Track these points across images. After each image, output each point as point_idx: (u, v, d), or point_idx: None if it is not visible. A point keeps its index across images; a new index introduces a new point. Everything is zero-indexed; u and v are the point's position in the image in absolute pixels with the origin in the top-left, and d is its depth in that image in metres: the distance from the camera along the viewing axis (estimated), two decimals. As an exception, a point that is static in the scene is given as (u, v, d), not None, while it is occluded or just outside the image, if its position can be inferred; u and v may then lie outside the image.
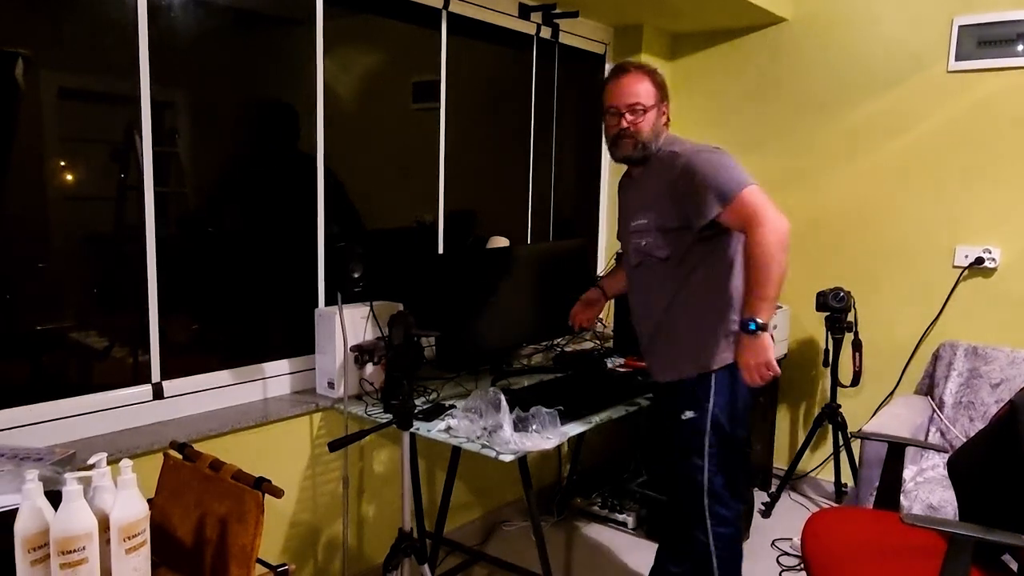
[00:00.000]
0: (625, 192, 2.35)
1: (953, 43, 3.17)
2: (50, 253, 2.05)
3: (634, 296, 2.30)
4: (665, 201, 2.10)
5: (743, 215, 1.98)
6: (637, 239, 2.18)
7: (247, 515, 1.44)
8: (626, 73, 2.13)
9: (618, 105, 2.12)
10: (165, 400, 2.20)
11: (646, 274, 2.20)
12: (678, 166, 2.06)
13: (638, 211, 2.18)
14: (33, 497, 1.07)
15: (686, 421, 2.15)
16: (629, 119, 2.11)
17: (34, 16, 1.95)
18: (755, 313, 1.96)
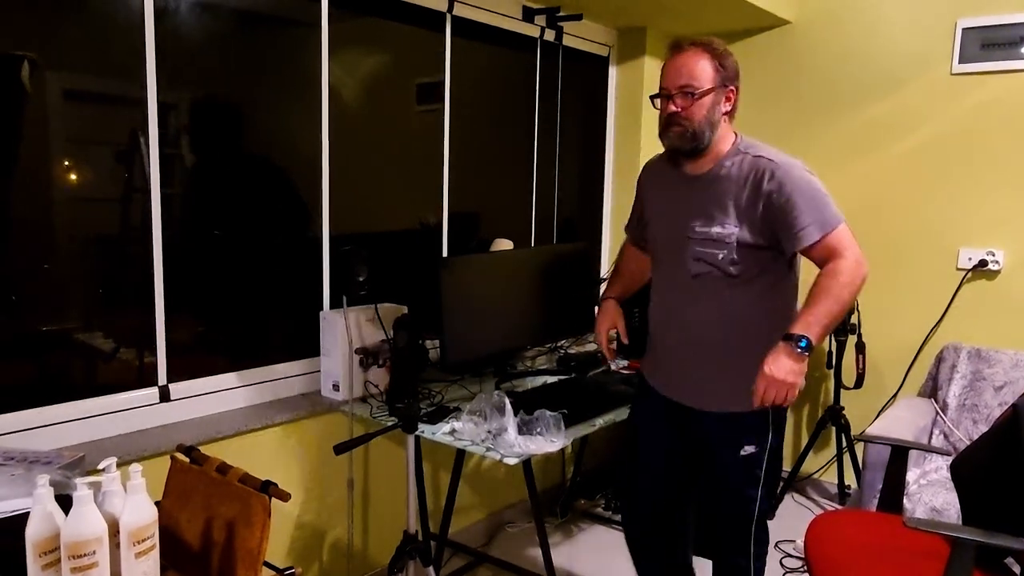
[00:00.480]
0: (673, 188, 2.02)
1: (957, 45, 3.18)
2: (56, 255, 2.06)
3: (679, 310, 2.01)
4: (753, 213, 1.86)
5: (833, 250, 1.84)
6: (705, 248, 1.91)
7: (254, 518, 1.45)
8: (681, 51, 1.88)
9: (668, 87, 1.88)
10: (172, 403, 2.22)
11: (705, 288, 1.94)
12: (774, 178, 1.83)
13: (708, 216, 1.91)
14: (44, 502, 1.08)
15: (745, 456, 1.97)
16: (679, 103, 1.86)
17: (39, 19, 1.96)
18: (810, 333, 1.77)
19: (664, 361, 2.09)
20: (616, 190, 3.91)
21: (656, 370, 2.12)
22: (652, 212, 2.10)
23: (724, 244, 1.88)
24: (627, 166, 3.84)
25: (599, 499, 3.48)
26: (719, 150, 1.92)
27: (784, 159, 1.88)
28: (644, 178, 2.18)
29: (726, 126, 1.93)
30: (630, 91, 3.80)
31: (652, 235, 2.10)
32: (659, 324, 2.10)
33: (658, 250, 2.08)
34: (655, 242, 2.09)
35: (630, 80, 3.79)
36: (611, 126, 3.87)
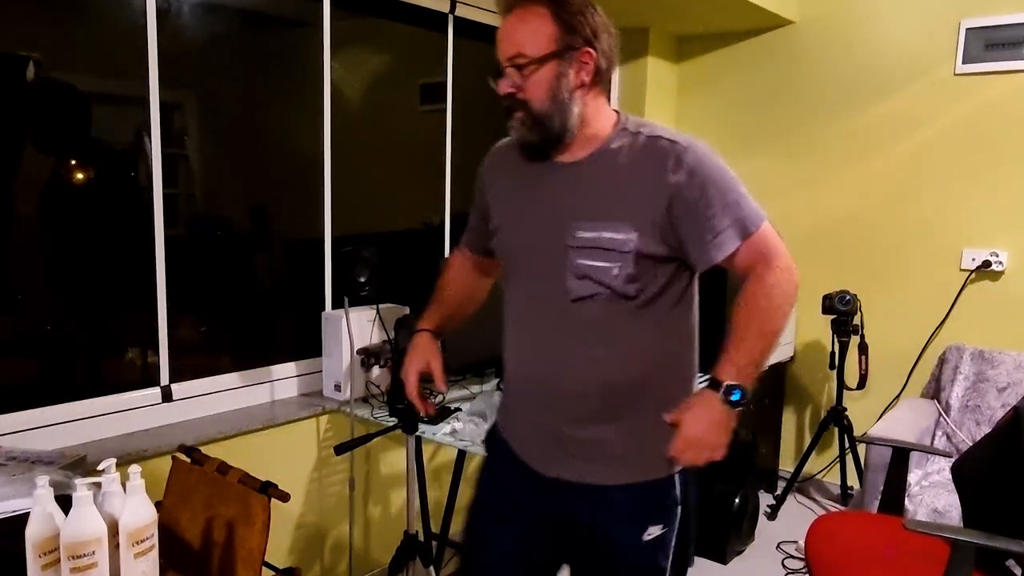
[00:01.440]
0: (536, 180, 1.46)
1: (960, 46, 3.17)
2: (61, 254, 2.07)
3: (551, 347, 1.43)
4: (655, 213, 1.35)
5: (759, 256, 1.39)
6: (592, 260, 1.36)
7: (254, 519, 1.45)
8: (510, 10, 1.37)
9: (499, 59, 1.38)
10: (174, 403, 2.22)
11: (590, 316, 1.38)
12: (682, 166, 1.34)
13: (595, 216, 1.37)
14: (44, 502, 1.09)
15: (648, 541, 1.43)
16: (510, 81, 1.36)
17: (44, 20, 1.97)
18: (745, 379, 1.36)
19: (526, 418, 1.50)
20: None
21: (516, 429, 1.54)
22: (503, 212, 1.51)
23: (619, 255, 1.34)
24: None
25: (601, 499, 3.48)
26: (596, 132, 1.40)
27: (690, 140, 1.39)
28: (490, 166, 1.60)
29: (595, 101, 1.40)
30: (633, 91, 3.80)
31: (505, 245, 1.51)
32: (520, 367, 1.50)
33: (515, 265, 1.49)
34: (509, 255, 1.50)
35: (633, 80, 3.79)
36: (614, 126, 3.86)
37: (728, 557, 3.05)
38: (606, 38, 1.38)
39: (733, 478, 3.06)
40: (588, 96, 1.38)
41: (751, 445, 3.14)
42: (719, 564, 3.03)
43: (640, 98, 3.77)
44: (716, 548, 3.05)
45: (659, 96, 3.85)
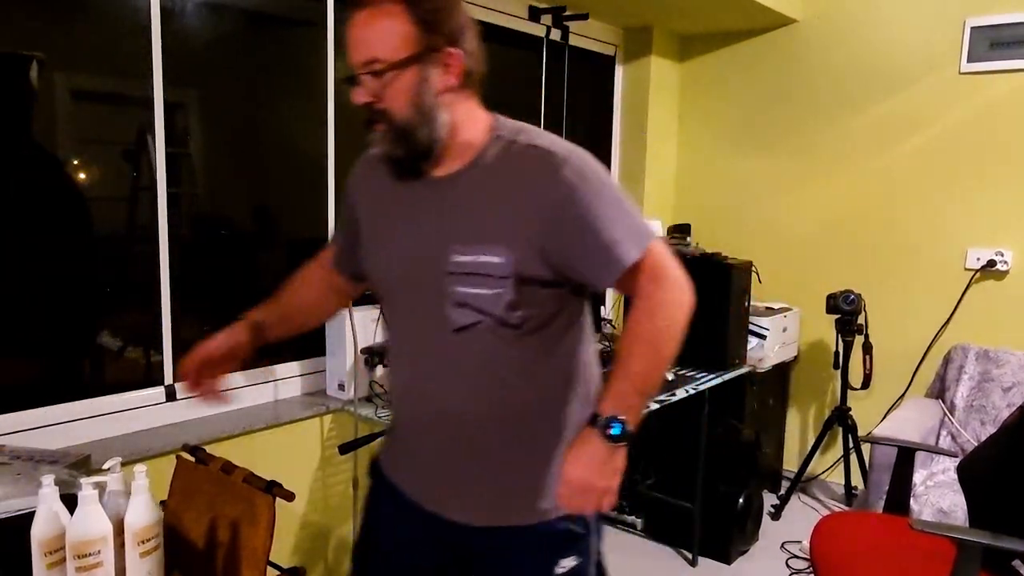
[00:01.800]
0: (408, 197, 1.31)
1: (965, 45, 3.16)
2: (64, 253, 2.07)
3: (434, 381, 1.31)
4: (532, 231, 1.21)
5: (649, 275, 1.27)
6: (469, 287, 1.23)
7: (259, 518, 1.45)
8: (359, 7, 1.20)
9: (352, 65, 1.22)
10: (178, 402, 2.22)
11: (474, 348, 1.26)
12: (560, 179, 1.21)
13: (470, 237, 1.24)
14: (49, 501, 1.09)
15: (564, 573, 1.34)
16: (367, 89, 1.21)
17: (47, 19, 1.97)
18: (627, 411, 1.25)
19: (414, 453, 1.38)
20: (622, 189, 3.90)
21: (402, 464, 1.42)
22: (374, 235, 1.37)
23: (497, 280, 1.21)
24: (633, 165, 3.84)
25: (604, 499, 3.48)
26: (469, 140, 1.27)
27: (571, 149, 1.27)
28: (358, 180, 1.44)
29: (464, 105, 1.27)
30: (636, 90, 3.80)
31: (377, 271, 1.38)
32: (404, 402, 1.40)
33: (389, 293, 1.36)
34: (383, 281, 1.37)
35: (636, 79, 3.79)
36: (617, 125, 3.87)
37: (732, 557, 3.04)
38: (471, 36, 1.25)
39: (737, 478, 3.05)
40: (457, 101, 1.24)
41: (755, 445, 3.13)
42: (723, 564, 3.03)
43: (643, 97, 3.77)
44: (720, 548, 3.04)
45: (662, 95, 3.85)
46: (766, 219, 3.75)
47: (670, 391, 2.68)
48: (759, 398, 3.44)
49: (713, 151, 3.90)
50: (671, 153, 3.99)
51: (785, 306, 3.50)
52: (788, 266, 3.67)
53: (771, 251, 3.69)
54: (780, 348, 3.37)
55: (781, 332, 3.37)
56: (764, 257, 3.58)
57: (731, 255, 3.20)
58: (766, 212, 3.74)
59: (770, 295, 3.60)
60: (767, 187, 3.74)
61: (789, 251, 3.68)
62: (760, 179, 3.76)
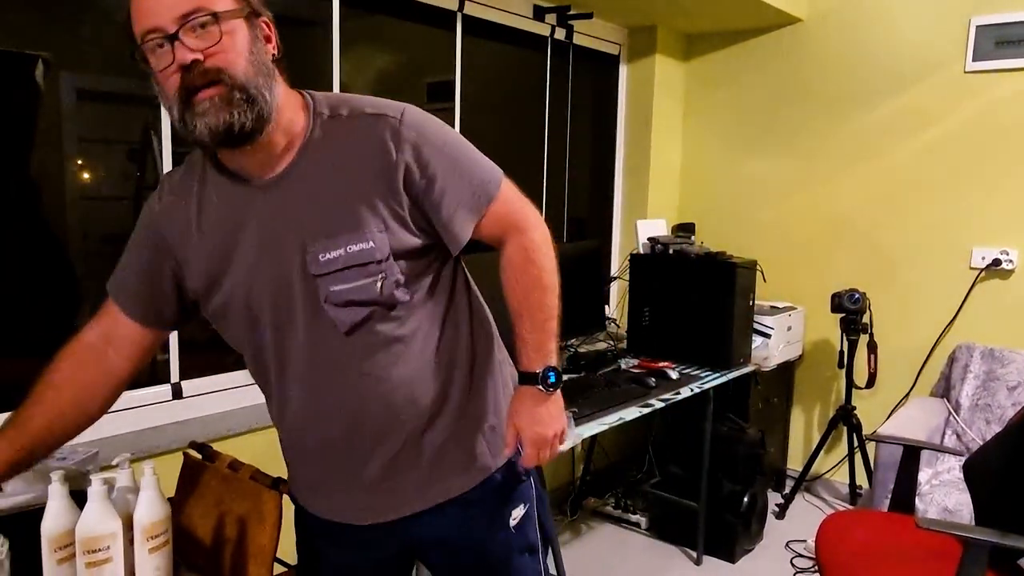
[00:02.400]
0: (238, 216, 1.18)
1: (970, 43, 3.15)
2: (70, 252, 2.08)
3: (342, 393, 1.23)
4: (396, 201, 1.16)
5: (507, 219, 1.26)
6: (348, 283, 1.15)
7: (266, 515, 1.45)
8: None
9: (159, 24, 1.04)
10: (184, 400, 2.23)
11: (373, 341, 1.20)
12: (403, 141, 1.15)
13: (332, 231, 1.15)
14: (59, 497, 1.09)
15: (517, 524, 1.38)
16: (193, 44, 1.04)
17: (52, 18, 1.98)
18: (548, 358, 1.27)
19: (337, 474, 1.31)
20: (626, 189, 3.90)
21: (321, 491, 1.36)
22: (212, 267, 1.21)
23: (376, 265, 1.15)
24: (638, 164, 3.84)
25: (608, 498, 3.48)
26: (291, 120, 1.16)
27: (402, 106, 1.19)
28: (166, 216, 1.24)
29: (279, 81, 1.15)
30: (641, 89, 3.79)
31: (231, 303, 1.22)
32: (311, 425, 1.28)
33: (254, 321, 1.22)
34: (242, 312, 1.22)
35: (641, 78, 3.79)
36: (621, 124, 3.87)
37: (737, 556, 3.05)
38: None
39: (742, 477, 3.06)
40: (277, 72, 1.14)
41: (759, 444, 3.13)
42: (728, 563, 3.03)
43: (648, 96, 3.77)
44: (725, 547, 3.05)
45: (667, 94, 3.85)
46: (770, 218, 3.74)
47: (675, 390, 2.69)
48: (764, 397, 3.44)
49: (717, 150, 3.89)
50: (675, 152, 3.99)
51: (790, 305, 3.50)
52: (792, 265, 3.67)
53: (775, 250, 3.69)
54: (785, 347, 3.37)
55: (786, 331, 3.37)
56: (768, 256, 3.58)
57: (735, 254, 3.20)
58: (770, 211, 3.74)
59: (774, 294, 3.60)
60: (771, 186, 3.74)
61: (793, 250, 3.68)
62: (765, 178, 3.76)
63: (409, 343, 1.22)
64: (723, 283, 3.03)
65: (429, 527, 1.32)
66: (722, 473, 3.04)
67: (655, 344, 3.18)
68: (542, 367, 1.26)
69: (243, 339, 1.25)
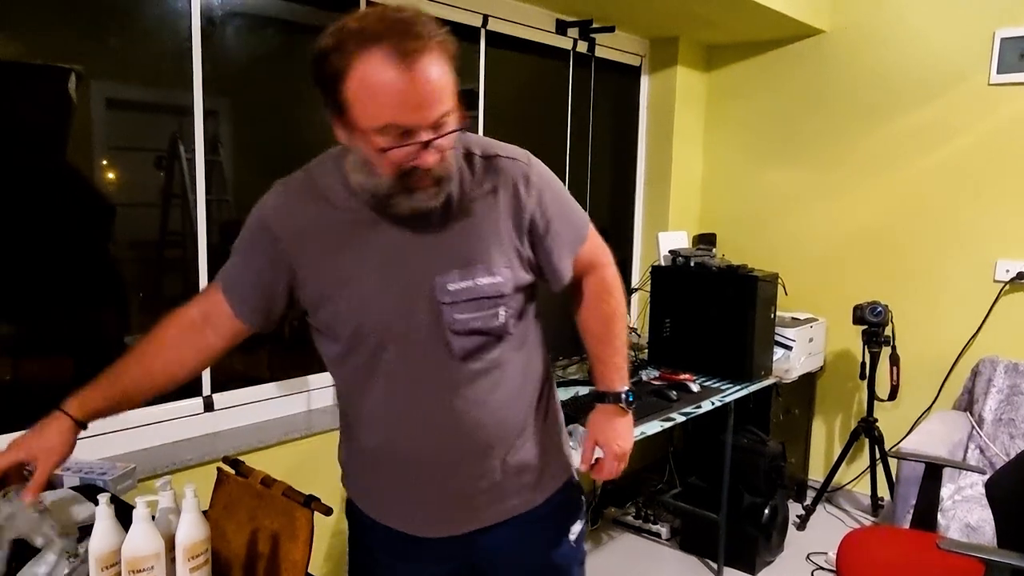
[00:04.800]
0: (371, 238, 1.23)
1: (995, 56, 3.14)
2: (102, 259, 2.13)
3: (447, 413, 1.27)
4: (519, 241, 1.27)
5: (591, 257, 1.42)
6: (473, 312, 1.23)
7: (298, 532, 1.49)
8: (413, 56, 1.04)
9: (414, 122, 1.07)
10: (216, 412, 2.28)
11: (485, 367, 1.28)
12: (531, 186, 1.27)
13: (464, 263, 1.22)
14: (105, 518, 1.14)
15: (575, 539, 1.47)
16: (438, 146, 1.11)
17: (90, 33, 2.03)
18: (626, 379, 1.47)
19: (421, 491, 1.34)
20: (647, 200, 3.92)
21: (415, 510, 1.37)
22: (334, 282, 1.25)
23: (496, 300, 1.24)
24: (659, 175, 3.86)
25: (629, 507, 3.50)
26: None
27: (527, 154, 1.31)
28: (286, 223, 1.25)
29: None
30: (662, 100, 3.81)
31: (347, 320, 1.26)
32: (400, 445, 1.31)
33: (367, 340, 1.26)
34: (358, 330, 1.26)
35: (662, 89, 3.80)
36: (643, 135, 3.88)
37: (758, 567, 3.06)
38: None
39: (763, 489, 3.07)
40: None
41: (781, 456, 3.14)
42: (749, 575, 3.05)
43: (669, 107, 3.79)
44: (746, 558, 3.06)
45: (688, 105, 3.86)
46: (792, 229, 3.75)
47: (696, 403, 2.70)
48: (785, 408, 3.45)
49: (739, 161, 3.90)
50: (697, 163, 4.00)
51: (811, 317, 3.50)
52: (814, 276, 3.67)
53: (797, 261, 3.69)
54: (806, 359, 3.38)
55: (807, 343, 3.37)
56: (790, 267, 3.58)
57: (757, 266, 3.21)
58: (792, 222, 3.74)
59: (796, 305, 3.60)
60: (793, 198, 3.74)
61: (815, 261, 3.68)
62: (787, 190, 3.76)
63: (505, 370, 1.30)
64: (744, 296, 3.04)
65: (497, 540, 1.38)
66: (743, 485, 3.06)
67: (676, 355, 3.20)
68: (622, 387, 1.44)
69: (344, 353, 1.30)
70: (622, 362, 1.45)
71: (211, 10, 2.19)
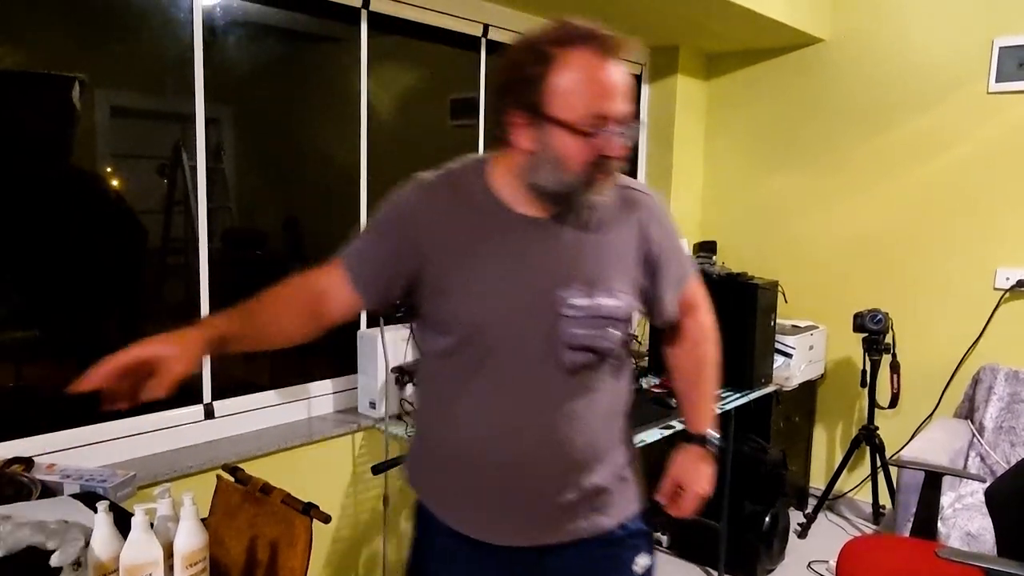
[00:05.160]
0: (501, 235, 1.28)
1: (994, 64, 3.15)
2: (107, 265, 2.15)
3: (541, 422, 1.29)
4: (638, 271, 1.33)
5: (691, 298, 1.47)
6: (589, 329, 1.26)
7: (296, 539, 1.50)
8: (616, 59, 1.19)
9: (612, 112, 1.17)
10: (216, 420, 2.29)
11: (585, 385, 1.31)
12: (655, 219, 1.35)
13: (589, 281, 1.26)
14: (104, 526, 1.15)
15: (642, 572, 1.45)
16: (624, 137, 1.20)
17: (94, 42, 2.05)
18: (711, 424, 1.51)
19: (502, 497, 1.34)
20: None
21: (488, 513, 1.36)
22: (459, 274, 1.28)
23: (614, 322, 1.28)
24: (659, 183, 3.86)
25: (630, 515, 3.49)
26: None
27: (651, 190, 1.39)
28: (423, 208, 1.32)
29: None
30: (662, 108, 3.82)
31: (463, 313, 1.29)
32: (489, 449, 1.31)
33: (482, 337, 1.28)
34: (475, 325, 1.28)
35: (662, 97, 3.82)
36: (643, 143, 3.90)
37: (758, 575, 3.05)
38: None
39: (763, 496, 3.06)
40: None
41: (781, 463, 3.14)
42: (749, 583, 3.04)
43: (669, 115, 3.80)
44: (746, 566, 3.05)
45: (688, 113, 3.87)
46: (792, 237, 3.75)
47: (696, 411, 2.70)
48: (785, 416, 3.44)
49: (739, 169, 3.91)
50: (697, 171, 4.01)
51: (812, 324, 3.50)
52: (814, 284, 3.67)
53: (797, 269, 3.69)
54: (807, 366, 3.38)
55: (807, 350, 3.37)
56: (790, 275, 3.59)
57: (757, 273, 3.21)
58: (792, 230, 3.75)
59: (796, 313, 3.61)
60: (794, 205, 3.75)
61: (815, 269, 3.68)
62: (787, 197, 3.76)
63: (601, 392, 1.34)
64: (744, 303, 3.04)
65: (564, 562, 1.38)
66: (744, 492, 3.05)
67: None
68: (708, 431, 1.48)
69: (452, 349, 1.31)
70: (711, 406, 1.49)
71: (213, 19, 2.20)
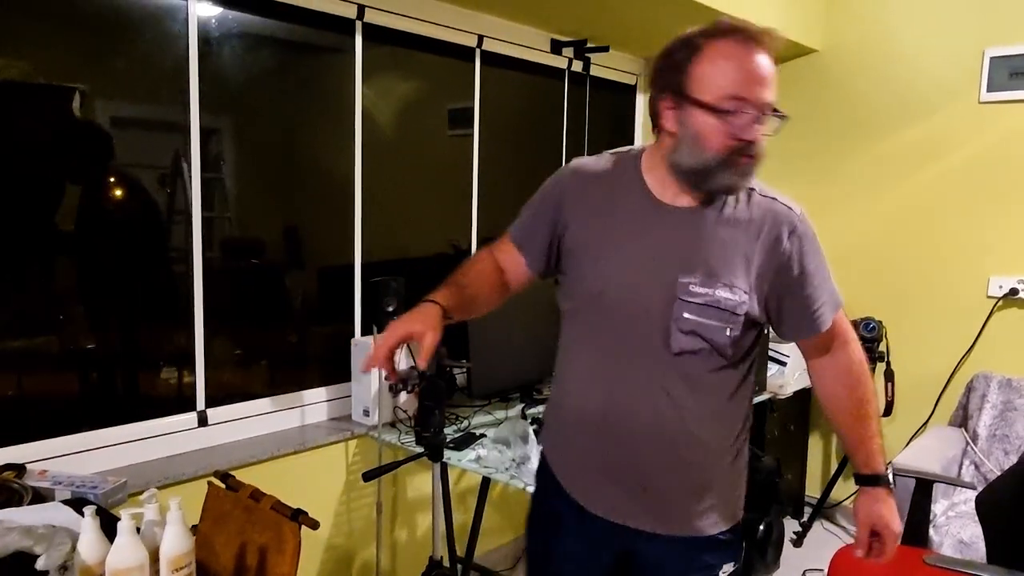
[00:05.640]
0: (641, 218, 1.39)
1: (985, 74, 3.17)
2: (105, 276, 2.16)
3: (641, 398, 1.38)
4: (764, 280, 1.37)
5: (841, 327, 1.47)
6: (703, 317, 1.33)
7: (285, 545, 1.51)
8: (763, 46, 1.32)
9: (756, 98, 1.29)
10: (209, 427, 2.30)
11: (689, 372, 1.37)
12: (795, 235, 1.38)
13: (710, 272, 1.34)
14: (90, 530, 1.16)
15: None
16: (766, 127, 1.32)
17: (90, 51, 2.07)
18: (884, 460, 1.49)
19: (603, 470, 1.44)
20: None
21: (589, 480, 1.46)
22: (594, 247, 1.41)
23: (731, 316, 1.34)
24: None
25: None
26: None
27: (799, 207, 1.42)
28: (576, 185, 1.46)
29: None
30: (657, 118, 3.84)
31: (591, 283, 1.41)
32: (597, 415, 1.41)
33: (599, 306, 1.40)
34: (596, 295, 1.40)
35: (657, 107, 3.83)
36: (638, 152, 3.90)
37: (752, 584, 3.04)
38: None
39: (758, 505, 3.05)
40: None
41: (776, 472, 3.13)
42: (743, 591, 3.03)
43: (664, 125, 3.81)
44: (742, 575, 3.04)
45: (683, 123, 3.88)
46: (787, 245, 3.76)
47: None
48: (780, 424, 3.45)
49: (734, 178, 3.92)
50: (692, 179, 4.02)
51: (806, 332, 3.50)
52: (809, 292, 3.68)
53: (792, 277, 3.70)
54: (801, 374, 3.38)
55: (802, 358, 3.37)
56: (785, 283, 3.60)
57: (751, 282, 3.22)
58: (787, 238, 3.76)
59: (791, 321, 3.61)
60: (788, 214, 3.76)
61: (810, 277, 3.69)
62: (781, 206, 3.77)
63: (707, 385, 1.39)
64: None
65: (655, 550, 1.45)
66: (737, 501, 3.05)
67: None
68: (883, 469, 1.47)
69: (574, 312, 1.46)
70: (880, 442, 1.48)
71: (208, 31, 2.22)
